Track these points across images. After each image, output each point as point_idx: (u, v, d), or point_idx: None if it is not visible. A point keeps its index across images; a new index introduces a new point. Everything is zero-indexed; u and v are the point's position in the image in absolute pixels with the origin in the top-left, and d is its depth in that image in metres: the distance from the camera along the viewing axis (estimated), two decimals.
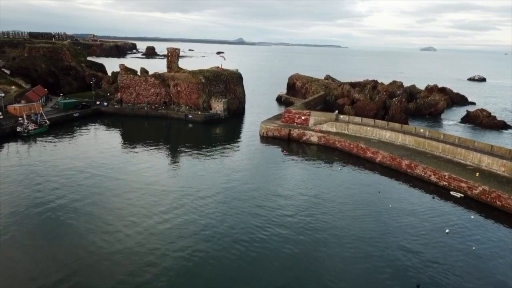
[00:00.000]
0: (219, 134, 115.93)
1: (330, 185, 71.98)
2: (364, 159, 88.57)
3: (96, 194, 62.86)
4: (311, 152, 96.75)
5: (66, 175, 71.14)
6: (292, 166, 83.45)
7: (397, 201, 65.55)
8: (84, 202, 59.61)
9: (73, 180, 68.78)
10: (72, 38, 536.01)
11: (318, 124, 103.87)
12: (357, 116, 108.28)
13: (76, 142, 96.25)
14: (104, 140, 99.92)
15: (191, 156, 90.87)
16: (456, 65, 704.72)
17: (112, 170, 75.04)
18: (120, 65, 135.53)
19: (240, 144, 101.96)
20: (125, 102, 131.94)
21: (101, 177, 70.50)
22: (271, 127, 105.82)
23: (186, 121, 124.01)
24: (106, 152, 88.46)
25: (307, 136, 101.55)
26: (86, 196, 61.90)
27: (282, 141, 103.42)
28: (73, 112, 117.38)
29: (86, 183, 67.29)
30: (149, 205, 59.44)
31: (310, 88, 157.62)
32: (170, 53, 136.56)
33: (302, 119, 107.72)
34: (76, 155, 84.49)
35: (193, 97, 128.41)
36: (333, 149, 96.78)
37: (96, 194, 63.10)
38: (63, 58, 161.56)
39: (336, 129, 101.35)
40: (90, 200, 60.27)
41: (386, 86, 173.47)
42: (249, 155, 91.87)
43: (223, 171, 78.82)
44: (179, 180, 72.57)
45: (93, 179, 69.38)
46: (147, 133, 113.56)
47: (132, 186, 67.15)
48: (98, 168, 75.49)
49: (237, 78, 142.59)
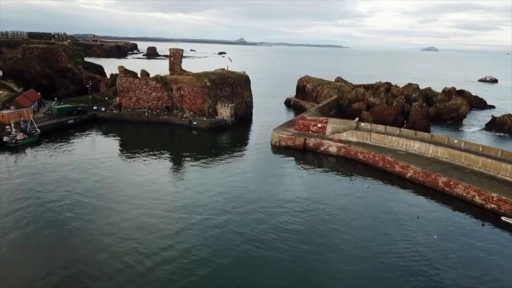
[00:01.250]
0: (226, 142, 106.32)
1: (359, 209, 62.11)
2: (392, 173, 78.76)
3: (92, 209, 58.05)
4: (329, 164, 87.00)
5: (58, 189, 64.99)
6: (310, 182, 73.62)
7: (441, 229, 55.68)
8: (78, 221, 54.17)
9: (66, 195, 62.53)
10: (72, 38, 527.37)
11: (337, 133, 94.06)
12: (379, 124, 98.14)
13: (70, 152, 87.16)
14: (101, 149, 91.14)
15: (196, 167, 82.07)
16: (462, 65, 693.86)
17: (110, 183, 68.76)
18: (119, 67, 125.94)
19: (250, 154, 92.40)
20: (124, 107, 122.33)
21: (97, 191, 65.06)
22: (284, 136, 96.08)
23: (190, 128, 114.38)
24: (103, 163, 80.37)
25: (324, 146, 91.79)
26: (80, 214, 56.26)
27: (296, 151, 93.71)
28: (67, 118, 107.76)
29: (80, 199, 61.34)
30: (150, 219, 55.31)
31: (322, 91, 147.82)
32: (173, 54, 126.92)
33: (319, 127, 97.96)
34: (69, 167, 76.41)
35: (198, 102, 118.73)
36: (355, 162, 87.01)
37: (92, 209, 58.27)
38: (59, 60, 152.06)
39: (357, 138, 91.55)
40: (85, 218, 55.17)
41: (401, 89, 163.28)
42: (260, 167, 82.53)
43: (231, 184, 70.75)
44: (183, 195, 65.17)
45: (89, 194, 63.65)
46: (147, 140, 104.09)
47: (131, 199, 62.31)
48: (94, 181, 69.43)
49: (245, 81, 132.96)
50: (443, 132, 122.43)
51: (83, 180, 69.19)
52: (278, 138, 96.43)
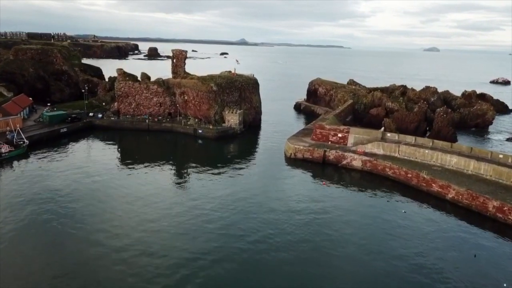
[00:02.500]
0: (234, 153, 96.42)
1: (402, 244, 51.99)
2: (428, 193, 68.67)
3: (89, 227, 53.00)
4: (353, 180, 76.97)
5: (46, 206, 58.44)
6: (335, 204, 63.45)
7: (509, 274, 45.44)
8: (72, 238, 49.69)
9: (55, 217, 55.46)
10: (72, 38, 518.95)
11: (360, 144, 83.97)
12: (408, 135, 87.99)
13: (62, 165, 78.22)
14: (96, 161, 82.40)
15: (202, 181, 73.51)
16: (468, 66, 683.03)
17: (106, 199, 62.92)
18: (117, 70, 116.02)
19: (262, 167, 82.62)
20: (123, 114, 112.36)
21: (92, 209, 58.96)
22: (301, 147, 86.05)
23: (195, 137, 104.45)
24: (99, 176, 72.59)
25: (347, 160, 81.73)
26: (74, 232, 51.17)
27: (314, 165, 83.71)
28: (59, 127, 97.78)
29: (71, 219, 55.00)
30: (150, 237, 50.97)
31: (335, 96, 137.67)
32: (176, 56, 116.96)
33: (339, 137, 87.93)
34: (61, 182, 68.45)
35: (203, 108, 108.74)
36: (382, 178, 76.95)
37: (89, 226, 53.31)
38: (54, 61, 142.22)
39: (383, 151, 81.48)
40: (81, 235, 50.54)
41: (418, 92, 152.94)
42: (274, 183, 73.11)
43: (241, 203, 62.50)
44: (187, 214, 58.23)
45: (81, 212, 57.60)
46: (148, 150, 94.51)
47: (131, 216, 57.08)
48: (90, 196, 63.46)
49: (253, 85, 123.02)
50: (470, 141, 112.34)
51: (75, 196, 62.48)
52: (294, 150, 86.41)
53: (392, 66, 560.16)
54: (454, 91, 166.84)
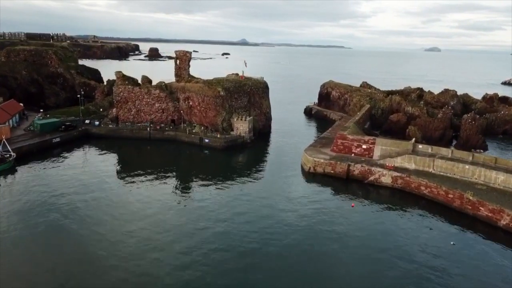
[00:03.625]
0: (244, 165, 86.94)
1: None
2: (474, 217, 59.27)
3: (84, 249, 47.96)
4: (382, 199, 67.57)
5: (38, 227, 52.51)
6: (366, 230, 54.19)
7: None
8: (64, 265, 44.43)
9: (46, 233, 50.98)
10: (71, 39, 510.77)
11: (388, 158, 74.55)
12: (442, 147, 78.57)
13: (54, 180, 70.14)
14: (93, 174, 74.94)
15: (208, 200, 64.80)
16: (473, 67, 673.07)
17: (103, 215, 57.33)
18: (116, 73, 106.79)
19: (277, 183, 73.42)
20: (122, 121, 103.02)
21: (88, 226, 53.75)
22: (321, 160, 76.64)
23: (200, 147, 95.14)
24: (95, 191, 65.95)
25: (375, 176, 72.30)
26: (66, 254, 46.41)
27: (337, 181, 74.35)
28: (51, 136, 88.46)
29: (68, 237, 50.33)
30: None
31: (351, 100, 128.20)
32: (180, 58, 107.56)
33: (363, 148, 78.55)
34: (52, 200, 61.12)
35: (210, 115, 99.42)
36: (416, 197, 67.60)
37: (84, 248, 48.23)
38: (49, 63, 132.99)
39: (415, 165, 72.06)
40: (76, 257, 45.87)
41: (436, 96, 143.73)
42: (293, 203, 64.04)
43: (254, 228, 54.51)
44: (191, 238, 51.60)
45: (78, 230, 52.53)
46: (149, 162, 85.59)
47: (130, 236, 51.97)
48: (86, 214, 57.41)
49: (263, 89, 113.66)
50: (500, 150, 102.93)
51: (67, 215, 56.49)
52: (313, 163, 77.00)
53: (397, 67, 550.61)
54: (469, 94, 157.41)
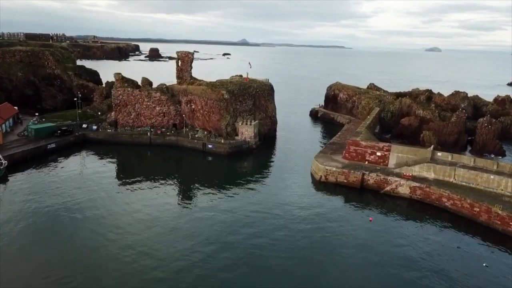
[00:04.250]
0: (250, 173, 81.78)
1: None
2: (504, 234, 54.41)
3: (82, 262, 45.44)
4: (400, 211, 62.68)
5: (30, 238, 49.76)
6: (389, 249, 49.38)
7: None
8: None
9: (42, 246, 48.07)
10: (71, 39, 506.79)
11: (405, 166, 69.66)
12: (463, 155, 73.71)
13: (48, 190, 65.65)
14: (90, 181, 70.74)
15: (212, 210, 60.32)
16: (477, 67, 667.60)
17: (101, 228, 53.71)
18: (115, 75, 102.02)
19: (286, 193, 68.69)
20: (121, 125, 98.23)
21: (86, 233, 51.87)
22: (333, 169, 71.76)
23: (204, 153, 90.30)
24: (93, 200, 62.36)
25: (391, 185, 67.43)
26: None
27: (350, 191, 69.56)
28: (46, 142, 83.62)
29: (65, 249, 47.74)
30: None
31: (359, 102, 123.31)
32: (181, 59, 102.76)
33: (378, 156, 73.68)
34: (46, 211, 57.33)
35: (213, 119, 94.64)
36: (437, 209, 62.73)
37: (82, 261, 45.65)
38: (45, 65, 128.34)
39: (434, 174, 67.18)
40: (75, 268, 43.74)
41: (446, 98, 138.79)
42: (304, 215, 59.61)
43: (262, 242, 50.30)
44: (194, 252, 47.92)
45: (76, 241, 50.05)
46: (150, 169, 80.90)
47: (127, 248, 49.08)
48: (83, 223, 54.76)
49: (269, 91, 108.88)
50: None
51: (64, 226, 53.32)
52: (325, 172, 72.14)
53: (400, 67, 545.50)
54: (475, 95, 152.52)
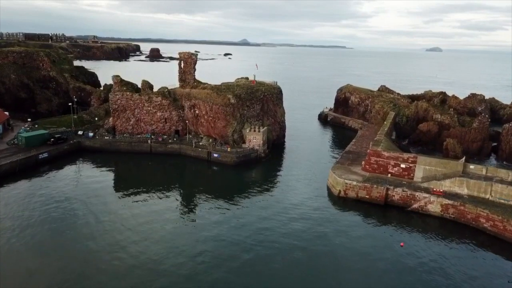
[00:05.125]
0: (259, 185, 74.37)
1: None
2: None
3: None
4: (431, 231, 55.77)
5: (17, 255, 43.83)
6: (426, 278, 42.43)
7: None
8: None
9: None
10: (71, 39, 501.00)
11: (434, 180, 62.68)
12: (500, 168, 66.61)
13: (39, 204, 59.40)
14: (86, 194, 64.76)
15: (217, 226, 53.93)
16: (480, 67, 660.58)
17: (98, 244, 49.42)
18: (113, 77, 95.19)
19: (300, 210, 61.82)
20: (120, 132, 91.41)
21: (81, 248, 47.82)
22: (354, 183, 64.79)
23: (208, 162, 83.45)
24: (88, 214, 57.18)
25: (420, 202, 60.44)
26: None
27: (372, 207, 62.64)
28: (38, 152, 76.74)
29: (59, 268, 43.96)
30: None
31: (372, 106, 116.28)
32: (184, 60, 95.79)
33: (402, 168, 66.69)
34: (38, 226, 52.53)
35: (219, 125, 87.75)
36: (473, 230, 55.79)
37: None
38: (40, 66, 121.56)
39: (468, 190, 60.22)
40: None
41: (462, 101, 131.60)
42: (323, 238, 52.77)
43: (274, 267, 42.94)
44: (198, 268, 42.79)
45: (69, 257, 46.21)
46: (150, 179, 74.59)
47: None
48: (78, 239, 50.52)
49: (277, 95, 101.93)
50: None
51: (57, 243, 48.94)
52: (344, 186, 65.17)
53: (403, 68, 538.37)
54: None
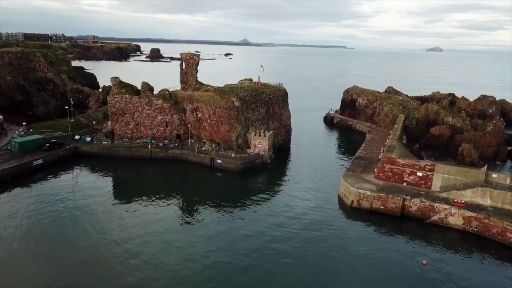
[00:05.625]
0: (264, 192, 70.15)
1: None
2: None
3: None
4: (454, 246, 51.70)
5: None
6: None
7: None
8: None
9: None
10: (71, 39, 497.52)
11: (454, 190, 58.60)
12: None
13: (33, 214, 55.74)
14: (83, 200, 61.58)
15: (221, 239, 49.50)
16: (483, 67, 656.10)
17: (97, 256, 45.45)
18: (112, 79, 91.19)
19: (310, 221, 57.80)
20: (119, 136, 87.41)
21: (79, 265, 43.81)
22: (368, 192, 60.71)
23: (212, 168, 79.42)
24: (86, 224, 53.80)
25: (439, 214, 56.35)
26: None
27: (388, 218, 58.61)
28: (32, 158, 72.73)
29: None
30: None
31: (381, 109, 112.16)
32: (186, 61, 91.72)
33: (418, 176, 62.60)
34: (32, 236, 49.51)
35: (222, 129, 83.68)
36: (499, 246, 51.69)
37: None
38: (37, 67, 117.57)
39: (491, 201, 56.15)
40: None
41: (473, 103, 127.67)
42: (338, 251, 48.75)
43: None
44: None
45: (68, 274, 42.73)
46: (150, 186, 70.90)
47: None
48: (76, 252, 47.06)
49: (283, 97, 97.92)
50: None
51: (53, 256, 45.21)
52: (357, 196, 61.09)
53: (405, 68, 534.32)
54: None
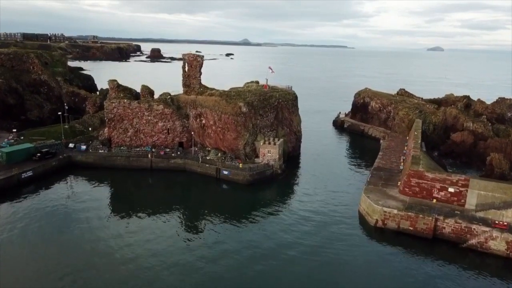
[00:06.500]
0: (275, 208, 63.56)
1: None
2: None
3: None
4: (495, 274, 45.20)
5: None
6: None
7: None
8: None
9: None
10: (70, 39, 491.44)
11: (492, 209, 52.01)
12: None
13: (20, 230, 50.82)
14: (77, 215, 56.82)
15: (226, 260, 44.04)
16: (487, 67, 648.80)
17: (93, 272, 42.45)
18: (109, 82, 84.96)
19: (329, 245, 51.37)
20: (116, 144, 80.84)
21: None
22: (394, 211, 54.10)
23: (217, 180, 72.91)
24: (80, 243, 48.94)
25: (478, 238, 49.73)
26: None
27: (417, 241, 52.04)
28: (20, 171, 66.20)
29: None
30: None
31: (396, 113, 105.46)
32: (189, 63, 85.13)
33: (450, 192, 56.00)
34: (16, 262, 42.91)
35: (229, 137, 77.14)
36: None
37: None
38: (30, 69, 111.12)
39: None
40: None
41: (490, 106, 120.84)
42: (360, 280, 41.57)
43: None
44: None
45: None
46: (150, 199, 65.07)
47: None
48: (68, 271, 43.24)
49: (293, 101, 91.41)
50: None
51: None
52: (382, 215, 54.49)
53: (408, 68, 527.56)
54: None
